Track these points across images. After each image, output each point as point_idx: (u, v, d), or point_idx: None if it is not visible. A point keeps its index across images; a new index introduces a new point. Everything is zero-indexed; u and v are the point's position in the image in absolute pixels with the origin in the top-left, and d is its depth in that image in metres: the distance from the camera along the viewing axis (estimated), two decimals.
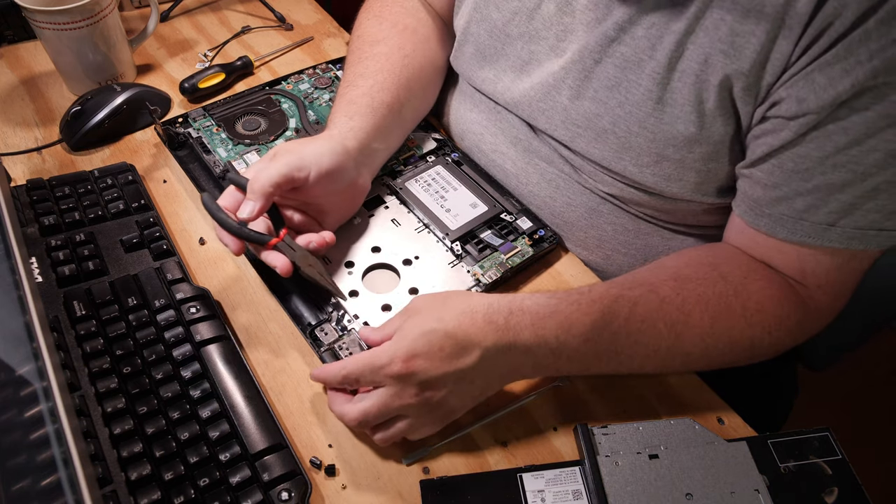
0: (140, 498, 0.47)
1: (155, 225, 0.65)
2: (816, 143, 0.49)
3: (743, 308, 0.53)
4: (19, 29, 0.87)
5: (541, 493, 0.49)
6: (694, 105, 0.53)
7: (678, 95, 0.53)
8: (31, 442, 0.41)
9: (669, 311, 0.52)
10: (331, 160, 0.57)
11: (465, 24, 0.68)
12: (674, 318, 0.52)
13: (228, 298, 0.62)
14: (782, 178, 0.52)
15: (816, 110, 0.47)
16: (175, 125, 0.74)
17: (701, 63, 0.51)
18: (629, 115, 0.56)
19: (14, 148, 0.75)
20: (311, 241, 0.58)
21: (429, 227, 0.66)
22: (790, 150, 0.50)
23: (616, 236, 0.65)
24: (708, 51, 0.51)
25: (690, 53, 0.52)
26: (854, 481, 0.50)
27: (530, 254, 0.64)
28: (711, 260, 0.56)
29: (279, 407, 0.55)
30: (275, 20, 0.94)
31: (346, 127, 0.62)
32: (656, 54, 0.53)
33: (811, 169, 0.50)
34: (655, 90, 0.54)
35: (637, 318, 0.52)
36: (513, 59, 0.64)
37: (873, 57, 0.45)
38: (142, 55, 0.88)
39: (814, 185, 0.50)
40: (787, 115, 0.49)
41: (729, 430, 0.55)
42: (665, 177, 0.57)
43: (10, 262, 0.50)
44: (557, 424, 0.55)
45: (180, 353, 0.55)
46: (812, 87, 0.47)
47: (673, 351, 0.53)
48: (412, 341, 0.48)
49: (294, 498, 0.48)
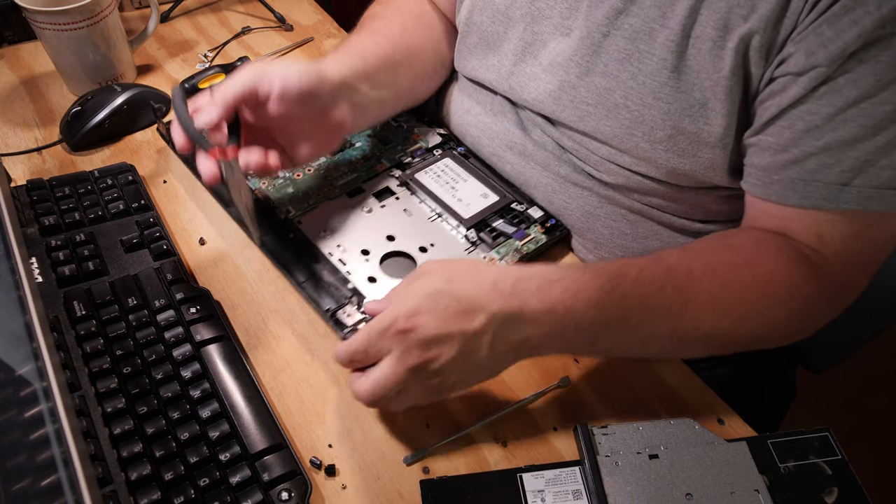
0: (140, 498, 0.47)
1: (155, 225, 0.65)
2: (827, 99, 0.48)
3: (753, 277, 0.52)
4: (19, 29, 0.87)
5: (541, 493, 0.49)
6: (709, 71, 0.52)
7: (694, 62, 0.52)
8: (31, 442, 0.41)
9: (676, 276, 0.51)
10: (300, 80, 0.56)
11: (467, 15, 0.68)
12: (681, 283, 0.51)
13: (228, 298, 0.62)
14: (791, 139, 0.50)
15: (825, 63, 0.47)
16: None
17: (719, 28, 0.50)
18: (643, 87, 0.55)
19: (14, 148, 0.75)
20: (253, 157, 0.56)
21: (441, 216, 0.66)
22: (799, 107, 0.49)
23: (613, 239, 0.65)
24: (726, 15, 0.50)
25: (706, 18, 0.51)
26: (854, 481, 0.50)
27: (543, 241, 0.64)
28: (719, 235, 0.55)
29: (279, 407, 0.55)
30: (275, 21, 0.94)
31: (330, 62, 0.61)
32: (668, 22, 0.52)
33: (821, 126, 0.49)
34: (670, 59, 0.53)
35: (644, 280, 0.50)
36: (515, 42, 0.64)
37: (882, 5, 0.44)
38: (142, 55, 0.88)
39: (825, 143, 0.49)
40: (795, 71, 0.48)
41: (729, 431, 0.55)
42: (678, 152, 0.56)
43: (10, 263, 0.50)
44: (557, 424, 0.55)
45: (180, 354, 0.55)
46: (820, 40, 0.46)
47: (683, 319, 0.51)
48: (417, 300, 0.47)
49: (294, 498, 0.48)
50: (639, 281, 0.50)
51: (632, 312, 0.50)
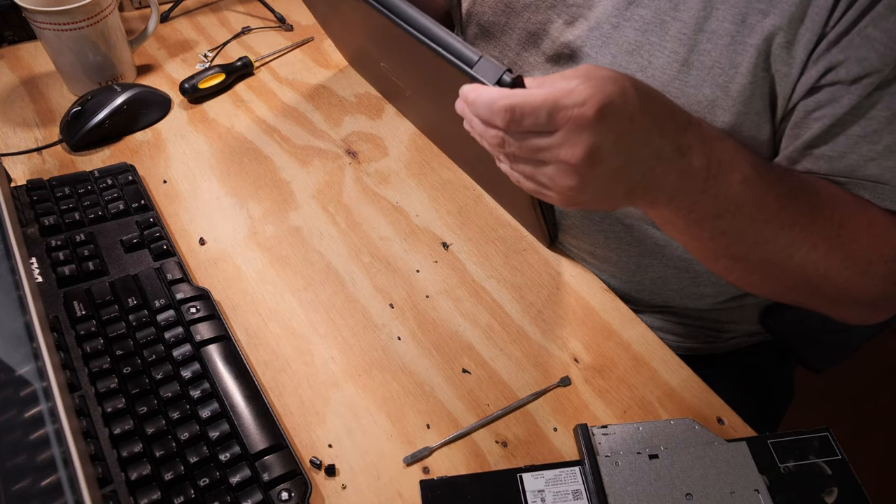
0: (140, 498, 0.47)
1: (155, 225, 0.65)
2: (884, 102, 0.47)
3: (869, 223, 0.50)
4: (20, 29, 0.87)
5: (541, 493, 0.49)
6: (724, 67, 0.51)
7: (706, 57, 0.52)
8: (31, 442, 0.41)
9: (807, 198, 0.50)
10: None
11: (468, 6, 0.67)
12: (813, 202, 0.50)
13: (228, 298, 0.62)
14: (848, 146, 0.49)
15: (880, 68, 0.46)
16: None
17: (737, 24, 0.49)
18: (651, 80, 0.54)
19: (14, 148, 0.75)
20: None
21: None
22: (855, 115, 0.48)
23: (608, 243, 0.65)
24: (744, 10, 0.49)
25: (722, 14, 0.50)
26: (854, 481, 0.50)
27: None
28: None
29: (279, 407, 0.55)
30: (275, 21, 0.94)
31: None
32: (680, 15, 0.52)
33: (879, 131, 0.48)
34: (682, 52, 0.52)
35: (795, 190, 0.50)
36: (518, 32, 0.63)
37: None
38: (142, 55, 0.88)
39: (884, 147, 0.48)
40: (847, 80, 0.47)
41: (729, 430, 0.55)
42: None
43: (10, 263, 0.50)
44: (557, 424, 0.55)
45: (180, 354, 0.55)
46: (871, 45, 0.45)
47: (807, 228, 0.50)
48: (610, 92, 0.41)
49: (294, 498, 0.48)
50: (792, 187, 0.49)
51: (772, 204, 0.49)
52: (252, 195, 0.72)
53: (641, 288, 0.69)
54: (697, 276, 0.66)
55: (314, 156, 0.76)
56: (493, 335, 0.60)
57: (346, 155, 0.76)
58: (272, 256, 0.66)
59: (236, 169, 0.74)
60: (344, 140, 0.78)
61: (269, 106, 0.82)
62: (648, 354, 0.59)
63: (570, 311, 0.62)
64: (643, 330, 0.61)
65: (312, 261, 0.66)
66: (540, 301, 0.63)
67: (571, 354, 0.59)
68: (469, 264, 0.66)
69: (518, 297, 0.63)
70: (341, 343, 0.60)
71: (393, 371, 0.58)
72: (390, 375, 0.58)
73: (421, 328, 0.61)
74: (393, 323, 0.61)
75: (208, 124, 0.79)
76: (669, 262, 0.65)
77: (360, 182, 0.73)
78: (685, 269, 0.65)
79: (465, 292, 0.63)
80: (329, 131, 0.79)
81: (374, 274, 0.65)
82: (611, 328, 0.61)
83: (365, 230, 0.68)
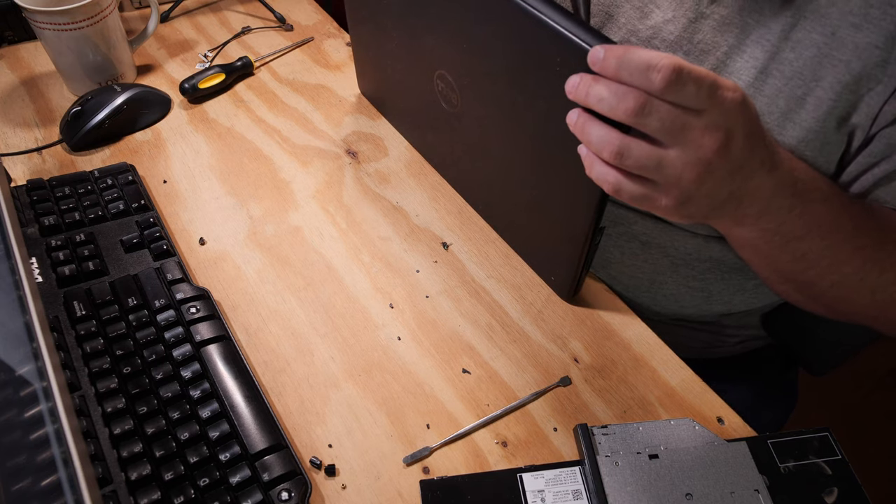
0: (140, 498, 0.47)
1: (155, 225, 0.65)
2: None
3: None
4: (20, 29, 0.87)
5: (541, 493, 0.49)
6: (806, 80, 0.49)
7: (787, 67, 0.49)
8: (31, 442, 0.41)
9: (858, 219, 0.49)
10: None
11: None
12: (883, 225, 0.50)
13: (228, 298, 0.62)
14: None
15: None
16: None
17: (826, 36, 0.47)
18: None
19: (14, 148, 0.75)
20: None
21: None
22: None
23: (623, 259, 0.65)
24: (836, 22, 0.47)
25: (810, 24, 0.48)
26: (854, 481, 0.50)
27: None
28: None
29: (279, 407, 0.55)
30: (275, 21, 0.94)
31: None
32: (764, 19, 0.49)
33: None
34: (762, 58, 0.50)
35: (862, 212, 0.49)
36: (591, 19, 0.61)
37: None
38: (142, 55, 0.88)
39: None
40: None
41: (729, 430, 0.55)
42: None
43: (10, 262, 0.50)
44: (557, 424, 0.55)
45: (180, 354, 0.55)
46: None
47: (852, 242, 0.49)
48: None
49: (294, 498, 0.48)
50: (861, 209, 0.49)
51: (847, 224, 0.48)
52: (252, 195, 0.72)
53: (653, 302, 0.68)
54: (711, 295, 0.65)
55: (314, 156, 0.76)
56: (493, 335, 0.60)
57: (346, 155, 0.76)
58: (272, 256, 0.66)
59: (236, 169, 0.74)
60: (344, 140, 0.78)
61: (269, 106, 0.82)
62: (648, 354, 0.59)
63: (570, 311, 0.62)
64: (643, 330, 0.61)
65: (312, 261, 0.66)
66: (540, 301, 0.63)
67: (571, 354, 0.59)
68: (469, 264, 0.66)
69: (518, 297, 0.63)
70: (341, 343, 0.60)
71: (393, 371, 0.58)
72: (390, 375, 0.58)
73: (421, 328, 0.61)
74: (393, 323, 0.61)
75: (208, 124, 0.79)
76: (683, 282, 0.64)
77: (360, 182, 0.73)
78: (700, 290, 0.65)
79: (465, 292, 0.63)
80: (329, 131, 0.79)
81: (373, 274, 0.65)
82: (611, 328, 0.61)
83: (365, 230, 0.68)
